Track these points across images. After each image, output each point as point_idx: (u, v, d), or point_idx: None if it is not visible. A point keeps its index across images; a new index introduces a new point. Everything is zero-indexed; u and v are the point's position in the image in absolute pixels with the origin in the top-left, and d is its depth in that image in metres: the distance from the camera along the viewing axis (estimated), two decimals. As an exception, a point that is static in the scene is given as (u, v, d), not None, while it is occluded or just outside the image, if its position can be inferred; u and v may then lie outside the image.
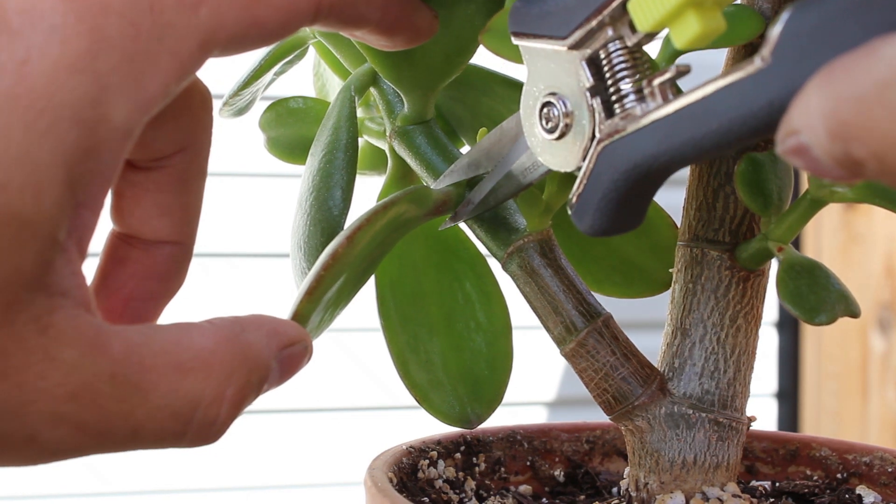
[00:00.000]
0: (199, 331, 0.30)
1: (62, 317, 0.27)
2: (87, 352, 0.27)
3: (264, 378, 0.31)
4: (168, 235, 0.34)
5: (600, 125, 0.32)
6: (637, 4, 0.30)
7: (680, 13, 0.28)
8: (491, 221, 0.44)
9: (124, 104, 0.28)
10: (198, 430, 0.29)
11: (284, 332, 0.32)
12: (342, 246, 0.34)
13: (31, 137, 0.26)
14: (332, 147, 0.41)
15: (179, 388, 0.29)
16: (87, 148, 0.27)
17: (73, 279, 0.28)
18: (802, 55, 0.26)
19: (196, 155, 0.34)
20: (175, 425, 0.29)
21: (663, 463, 0.43)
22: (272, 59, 0.45)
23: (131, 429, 0.28)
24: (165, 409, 0.28)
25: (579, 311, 0.43)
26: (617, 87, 0.32)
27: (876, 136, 0.23)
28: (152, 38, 0.28)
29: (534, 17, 0.33)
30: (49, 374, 0.27)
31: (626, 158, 0.31)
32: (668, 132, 0.30)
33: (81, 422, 0.27)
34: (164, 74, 0.28)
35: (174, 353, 0.29)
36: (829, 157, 0.25)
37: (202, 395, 0.29)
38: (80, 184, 0.27)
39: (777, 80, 0.27)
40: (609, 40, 0.31)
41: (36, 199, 0.26)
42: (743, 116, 0.28)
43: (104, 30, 0.27)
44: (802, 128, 0.25)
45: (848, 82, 0.24)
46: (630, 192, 0.32)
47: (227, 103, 0.47)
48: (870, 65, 0.23)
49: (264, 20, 0.30)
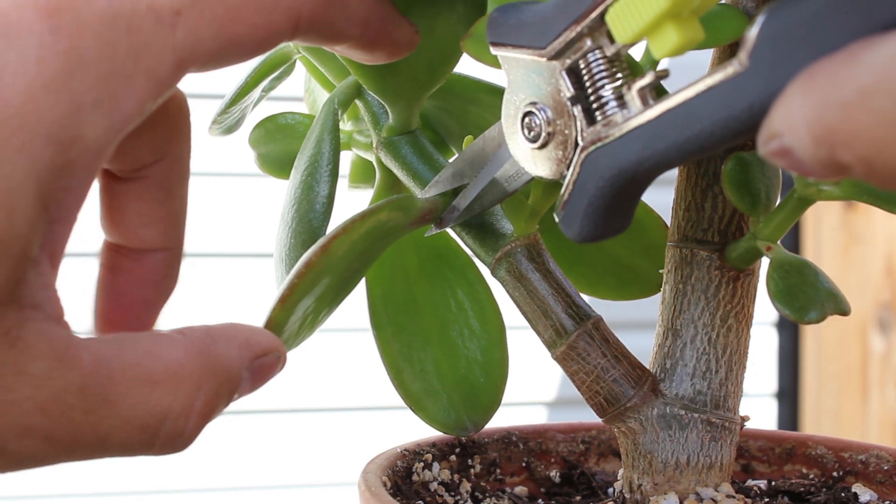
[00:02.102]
0: (170, 342, 0.30)
1: (32, 330, 0.27)
2: (56, 364, 0.27)
3: (234, 389, 0.31)
4: (156, 243, 0.34)
5: (583, 133, 0.32)
6: (615, 16, 0.30)
7: (658, 25, 0.29)
8: (478, 228, 0.44)
9: (99, 123, 0.28)
10: (165, 441, 0.30)
11: (257, 342, 0.32)
12: (316, 254, 0.34)
13: (4, 156, 0.26)
14: (314, 160, 0.41)
15: (148, 401, 0.29)
16: (60, 166, 0.27)
17: (44, 292, 0.28)
18: (780, 57, 0.26)
19: (176, 162, 0.34)
20: (143, 436, 0.29)
21: (656, 464, 0.43)
22: (258, 76, 0.45)
23: (99, 440, 0.28)
24: (133, 422, 0.29)
25: (569, 314, 0.43)
26: (598, 95, 0.32)
27: (863, 141, 0.23)
28: (129, 58, 0.28)
29: (512, 28, 0.33)
30: (18, 387, 0.27)
31: (611, 165, 0.31)
32: (651, 137, 0.30)
33: (50, 433, 0.28)
34: (140, 93, 0.29)
35: (144, 365, 0.29)
36: (814, 160, 0.25)
37: (170, 407, 0.29)
38: (54, 201, 0.27)
39: (756, 83, 0.27)
40: (588, 50, 0.31)
41: (9, 218, 0.26)
42: (724, 119, 0.28)
43: (81, 49, 0.27)
44: (784, 131, 0.25)
45: (831, 88, 0.24)
46: (616, 198, 0.32)
47: (216, 121, 0.47)
48: (852, 71, 0.24)
49: (241, 38, 0.30)
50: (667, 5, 0.28)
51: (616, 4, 0.30)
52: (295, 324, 0.34)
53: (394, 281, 0.49)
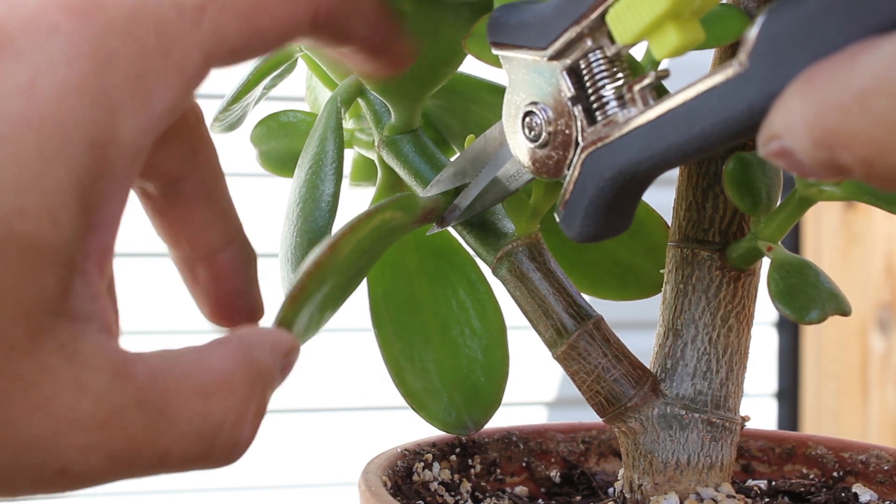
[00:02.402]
0: (215, 353, 0.30)
1: (88, 343, 0.26)
2: (114, 379, 0.27)
3: (273, 391, 0.31)
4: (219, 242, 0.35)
5: (583, 133, 0.32)
6: (616, 17, 0.30)
7: (659, 26, 0.29)
8: (480, 227, 0.44)
9: (132, 123, 0.27)
10: (222, 452, 0.29)
11: (282, 342, 0.32)
12: (325, 254, 0.34)
13: (43, 161, 0.25)
14: (318, 158, 0.41)
15: (203, 412, 0.28)
16: (98, 169, 0.27)
17: (94, 303, 0.27)
18: (780, 59, 0.26)
19: (207, 166, 0.34)
20: (201, 448, 0.28)
21: (657, 464, 0.43)
22: (260, 74, 0.45)
23: (158, 455, 0.28)
24: (191, 434, 0.28)
25: (569, 314, 0.43)
26: (598, 95, 0.32)
27: (862, 143, 0.23)
28: (158, 55, 0.28)
29: (512, 28, 0.34)
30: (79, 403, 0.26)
31: (611, 165, 0.31)
32: (651, 138, 0.30)
33: (112, 450, 0.27)
34: (171, 91, 0.28)
35: (195, 376, 0.28)
36: (814, 162, 0.25)
37: (225, 417, 0.29)
38: (94, 206, 0.27)
39: (756, 84, 0.27)
40: (589, 50, 0.31)
41: (53, 224, 0.26)
42: (724, 120, 0.28)
43: (109, 49, 0.27)
44: (784, 133, 0.25)
45: (830, 91, 0.24)
46: (616, 198, 0.32)
47: (218, 118, 0.47)
48: (851, 73, 0.24)
49: (264, 30, 0.30)
50: (667, 6, 0.28)
51: (616, 5, 0.30)
52: (303, 322, 0.34)
53: (395, 280, 0.49)
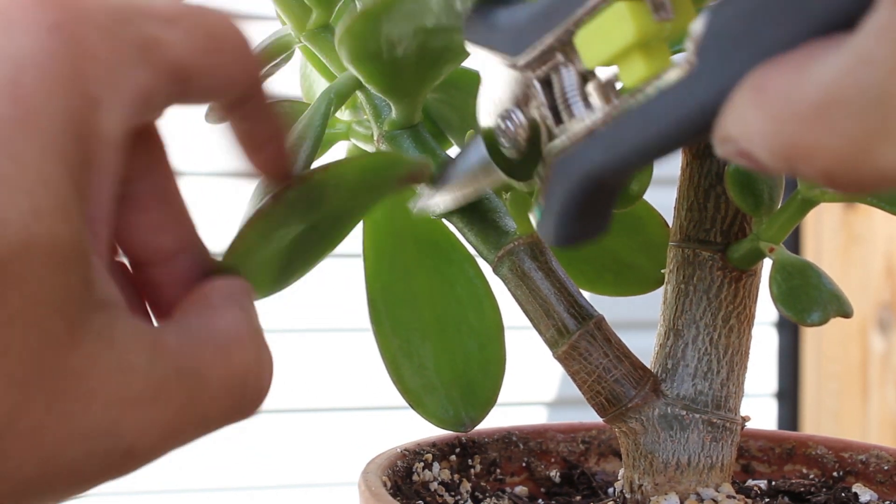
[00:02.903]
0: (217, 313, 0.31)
1: (120, 326, 0.27)
2: (154, 355, 0.28)
3: None
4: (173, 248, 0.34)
5: (552, 138, 0.32)
6: (583, 41, 0.29)
7: (626, 55, 0.28)
8: (481, 225, 0.44)
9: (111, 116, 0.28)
10: (251, 401, 0.30)
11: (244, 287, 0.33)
12: (267, 203, 0.34)
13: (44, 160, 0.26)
14: (298, 141, 0.41)
15: (229, 368, 0.30)
16: (86, 162, 0.27)
17: (112, 289, 0.28)
18: (727, 55, 0.25)
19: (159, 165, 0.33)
20: (233, 402, 0.30)
21: (657, 464, 0.43)
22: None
23: (201, 418, 0.29)
24: (223, 392, 0.29)
25: (571, 314, 0.43)
26: (566, 105, 0.31)
27: (822, 156, 0.23)
28: (133, 48, 0.28)
29: (486, 30, 0.33)
30: (130, 384, 0.27)
31: (577, 169, 0.31)
32: (612, 141, 0.30)
33: (165, 422, 0.28)
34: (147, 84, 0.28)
35: (214, 337, 0.30)
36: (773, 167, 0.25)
37: (248, 368, 0.30)
38: (87, 198, 0.27)
39: (705, 83, 0.26)
40: (560, 64, 0.31)
41: (67, 220, 0.26)
42: (678, 121, 0.27)
43: (87, 42, 0.27)
44: (739, 138, 0.25)
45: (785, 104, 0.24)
46: (587, 201, 0.32)
47: (213, 107, 0.47)
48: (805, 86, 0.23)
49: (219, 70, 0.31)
50: (633, 38, 0.28)
51: (585, 28, 0.29)
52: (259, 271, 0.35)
53: (393, 275, 0.49)
